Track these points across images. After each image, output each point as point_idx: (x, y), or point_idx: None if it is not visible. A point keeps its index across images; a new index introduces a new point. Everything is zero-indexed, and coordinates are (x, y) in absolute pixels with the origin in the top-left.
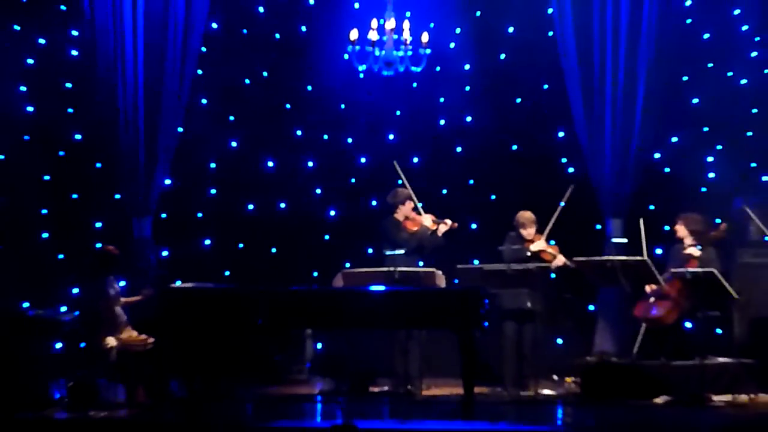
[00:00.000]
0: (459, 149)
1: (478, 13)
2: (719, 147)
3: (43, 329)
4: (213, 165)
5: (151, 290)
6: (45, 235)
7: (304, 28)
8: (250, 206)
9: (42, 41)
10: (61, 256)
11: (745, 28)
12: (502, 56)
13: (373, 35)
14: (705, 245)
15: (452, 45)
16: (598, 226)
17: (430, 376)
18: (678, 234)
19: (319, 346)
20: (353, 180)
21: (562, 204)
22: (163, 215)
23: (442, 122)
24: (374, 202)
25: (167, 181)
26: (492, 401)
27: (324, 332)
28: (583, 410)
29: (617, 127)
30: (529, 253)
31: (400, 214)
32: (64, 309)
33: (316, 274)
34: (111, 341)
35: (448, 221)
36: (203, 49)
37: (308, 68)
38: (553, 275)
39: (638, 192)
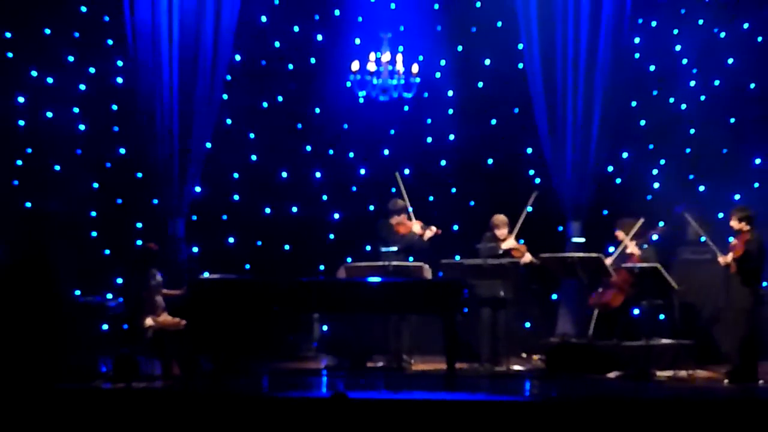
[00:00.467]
0: (443, 163)
1: (460, 48)
2: (662, 162)
3: (91, 313)
4: (236, 175)
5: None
6: (94, 234)
7: (313, 60)
8: (267, 210)
9: (92, 70)
10: (107, 252)
11: (684, 61)
12: (480, 84)
13: (371, 66)
14: (644, 243)
15: (438, 75)
16: (560, 228)
17: (418, 353)
18: (618, 238)
19: (325, 328)
20: (354, 188)
21: (529, 209)
22: (194, 217)
23: (429, 140)
24: (371, 207)
25: (197, 189)
26: (470, 375)
27: (329, 316)
28: (547, 383)
29: (577, 145)
30: (501, 251)
31: (394, 219)
32: (109, 296)
33: (322, 267)
34: (149, 322)
35: (434, 228)
36: (228, 77)
37: (316, 94)
38: (522, 269)
39: (594, 199)
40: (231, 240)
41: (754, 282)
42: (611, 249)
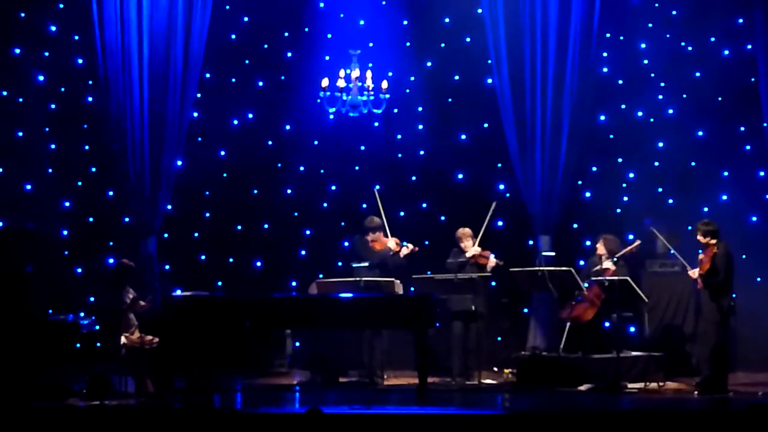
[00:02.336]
0: (414, 178)
1: (429, 64)
2: (631, 175)
3: (64, 331)
4: (207, 192)
5: (151, 300)
6: (66, 252)
7: (283, 77)
8: (239, 227)
9: (62, 89)
10: (79, 270)
11: (652, 75)
12: (449, 100)
13: (341, 83)
14: (619, 260)
15: (408, 91)
16: (530, 242)
17: (390, 368)
18: (598, 251)
19: (297, 344)
20: (325, 204)
21: (499, 224)
22: (165, 235)
23: (400, 155)
24: (343, 223)
25: (169, 206)
26: (442, 389)
27: (301, 332)
28: (519, 396)
29: (546, 159)
30: (463, 259)
31: (370, 236)
32: (82, 314)
33: (294, 283)
34: (123, 340)
35: (410, 245)
36: (198, 95)
37: (286, 111)
38: (493, 283)
39: (564, 213)
40: (203, 257)
41: (722, 295)
42: (581, 262)
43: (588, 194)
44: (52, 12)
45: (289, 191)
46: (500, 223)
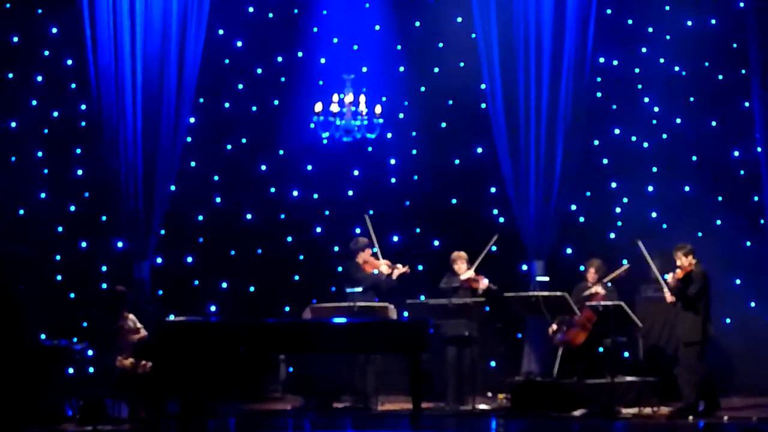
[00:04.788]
0: (407, 203)
1: (423, 89)
2: (625, 200)
3: (57, 356)
4: (200, 217)
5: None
6: (59, 277)
7: (276, 102)
8: (232, 252)
9: (55, 114)
10: (72, 295)
11: (646, 100)
12: (443, 125)
13: (334, 107)
14: (610, 284)
15: (401, 115)
16: (524, 267)
17: (384, 393)
18: (588, 276)
19: (291, 369)
20: (318, 229)
21: (493, 248)
22: (159, 260)
23: (393, 180)
24: (336, 248)
25: (162, 231)
26: (436, 414)
27: (295, 357)
28: (513, 421)
29: (540, 184)
30: (456, 283)
31: (360, 258)
32: (75, 339)
33: (288, 308)
34: (116, 365)
35: (401, 266)
36: (192, 119)
37: (280, 136)
38: (487, 308)
39: (557, 238)
40: (196, 282)
41: (700, 311)
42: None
43: (582, 219)
44: (46, 36)
45: (282, 216)
46: (494, 248)
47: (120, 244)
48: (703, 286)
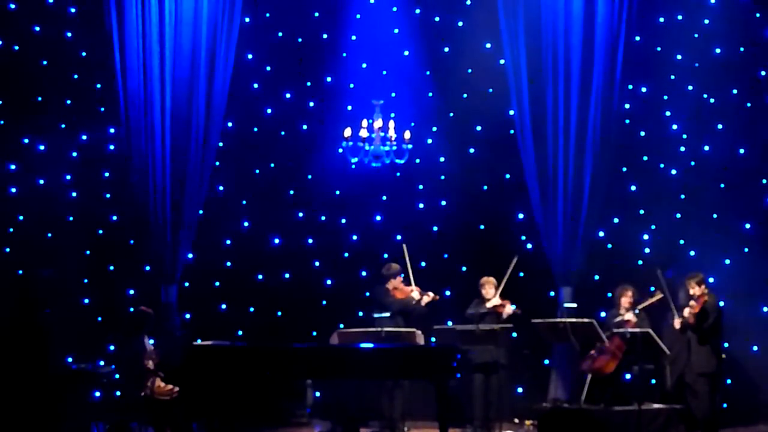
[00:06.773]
0: (435, 228)
1: (452, 114)
2: (653, 227)
3: (84, 380)
4: (228, 242)
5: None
6: (86, 300)
7: (305, 127)
8: (260, 276)
9: (84, 137)
10: (99, 318)
11: (674, 127)
12: (471, 150)
13: (363, 133)
14: (640, 311)
15: (430, 141)
16: (552, 293)
17: (411, 419)
18: (620, 302)
19: (318, 393)
20: (346, 254)
21: (521, 274)
22: (186, 284)
23: (421, 206)
24: (363, 273)
25: (189, 255)
26: None
27: (322, 382)
28: None
29: (568, 210)
30: (484, 310)
31: (390, 284)
32: (102, 363)
33: (315, 333)
34: (156, 390)
35: (431, 294)
36: (220, 144)
37: (308, 160)
38: (514, 334)
39: (585, 264)
40: (223, 306)
41: (714, 345)
42: (603, 314)
43: (610, 246)
44: (75, 60)
45: (310, 241)
46: (521, 274)
47: (148, 268)
48: (717, 317)
